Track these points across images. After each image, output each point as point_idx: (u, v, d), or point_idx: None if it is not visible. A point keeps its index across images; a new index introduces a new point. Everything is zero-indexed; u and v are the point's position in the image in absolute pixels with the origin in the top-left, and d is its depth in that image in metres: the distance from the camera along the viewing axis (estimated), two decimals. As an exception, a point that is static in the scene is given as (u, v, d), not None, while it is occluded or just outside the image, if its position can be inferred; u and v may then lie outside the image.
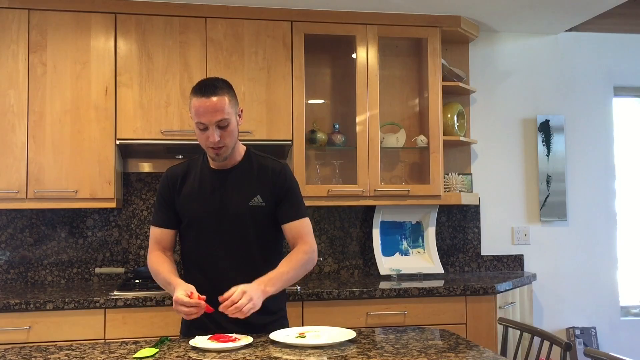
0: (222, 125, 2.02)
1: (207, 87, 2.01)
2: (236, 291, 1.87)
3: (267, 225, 2.15)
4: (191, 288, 1.95)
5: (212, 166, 2.15)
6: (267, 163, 2.18)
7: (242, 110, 2.15)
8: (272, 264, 2.14)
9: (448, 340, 1.95)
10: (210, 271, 2.13)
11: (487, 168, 3.84)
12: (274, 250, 2.21)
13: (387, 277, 3.45)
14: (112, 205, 3.09)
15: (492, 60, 3.89)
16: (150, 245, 2.21)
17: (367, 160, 3.33)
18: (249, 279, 2.07)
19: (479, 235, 3.81)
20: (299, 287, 2.99)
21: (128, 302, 2.78)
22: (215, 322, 2.03)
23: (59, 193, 3.03)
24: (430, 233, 3.65)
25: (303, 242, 2.14)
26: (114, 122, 3.09)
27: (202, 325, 2.03)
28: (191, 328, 2.09)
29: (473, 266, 3.79)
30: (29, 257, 3.34)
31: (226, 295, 1.88)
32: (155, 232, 2.20)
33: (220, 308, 1.87)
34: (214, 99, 1.99)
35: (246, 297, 1.86)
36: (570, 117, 3.95)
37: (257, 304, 1.90)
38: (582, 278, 3.91)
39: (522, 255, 3.84)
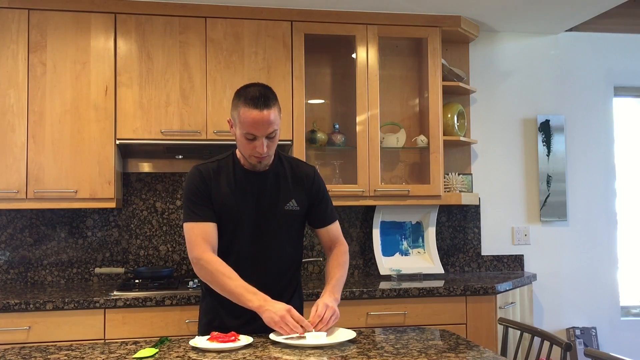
0: (272, 136, 2.02)
1: (261, 98, 1.97)
2: (320, 308, 1.95)
3: (298, 228, 2.20)
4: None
5: (246, 167, 2.13)
6: (299, 167, 2.21)
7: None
8: (298, 264, 2.24)
9: (448, 340, 1.95)
10: (240, 272, 2.09)
11: (487, 168, 3.84)
12: (300, 250, 2.25)
13: (387, 277, 3.45)
14: (112, 205, 3.09)
15: (492, 60, 3.88)
16: (200, 245, 2.03)
17: (367, 160, 3.32)
18: (277, 281, 2.11)
19: (479, 235, 3.80)
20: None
21: (128, 302, 2.77)
22: (234, 325, 2.05)
23: (58, 193, 3.02)
24: (431, 233, 3.65)
25: (340, 243, 2.26)
26: (114, 122, 3.09)
27: (222, 327, 2.05)
28: (210, 328, 2.09)
29: (473, 266, 3.79)
30: (28, 257, 3.34)
31: (313, 315, 1.94)
32: (202, 228, 2.04)
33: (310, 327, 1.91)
34: (269, 111, 1.97)
35: (330, 310, 1.95)
36: (571, 117, 3.95)
37: (338, 313, 1.98)
38: (583, 278, 3.91)
39: (522, 255, 3.84)
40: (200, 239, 2.04)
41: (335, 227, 2.26)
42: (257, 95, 1.98)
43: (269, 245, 2.12)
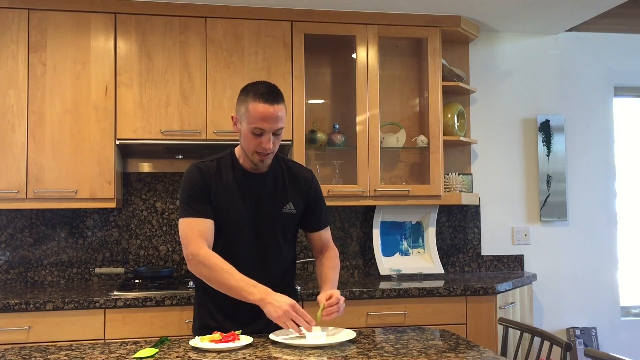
0: (278, 133, 2.03)
1: (271, 93, 1.99)
2: (334, 295, 1.98)
3: (292, 230, 2.20)
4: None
5: (245, 167, 2.12)
6: (296, 169, 2.21)
7: None
8: (294, 265, 2.25)
9: (448, 340, 1.95)
10: None
11: (487, 168, 3.84)
12: (294, 251, 2.25)
13: (387, 277, 3.45)
14: (112, 205, 3.09)
15: (492, 60, 3.88)
16: (197, 241, 1.99)
17: (367, 160, 3.32)
18: (273, 282, 2.07)
19: (479, 235, 3.80)
20: (298, 287, 2.98)
21: (128, 302, 2.77)
22: (231, 324, 2.04)
23: (58, 193, 3.02)
24: (431, 233, 3.65)
25: (331, 247, 2.29)
26: (114, 122, 3.09)
27: (218, 327, 2.04)
28: (205, 328, 2.09)
29: (473, 266, 3.79)
30: (28, 257, 3.34)
31: (328, 302, 1.97)
32: (200, 225, 2.01)
33: (325, 313, 1.95)
34: (278, 107, 1.99)
35: (342, 299, 1.98)
36: (570, 117, 3.95)
37: (343, 302, 2.01)
38: (582, 278, 3.91)
39: (522, 255, 3.84)
40: (197, 235, 1.99)
41: (327, 232, 2.28)
42: (267, 91, 2.00)
43: (267, 248, 2.12)
